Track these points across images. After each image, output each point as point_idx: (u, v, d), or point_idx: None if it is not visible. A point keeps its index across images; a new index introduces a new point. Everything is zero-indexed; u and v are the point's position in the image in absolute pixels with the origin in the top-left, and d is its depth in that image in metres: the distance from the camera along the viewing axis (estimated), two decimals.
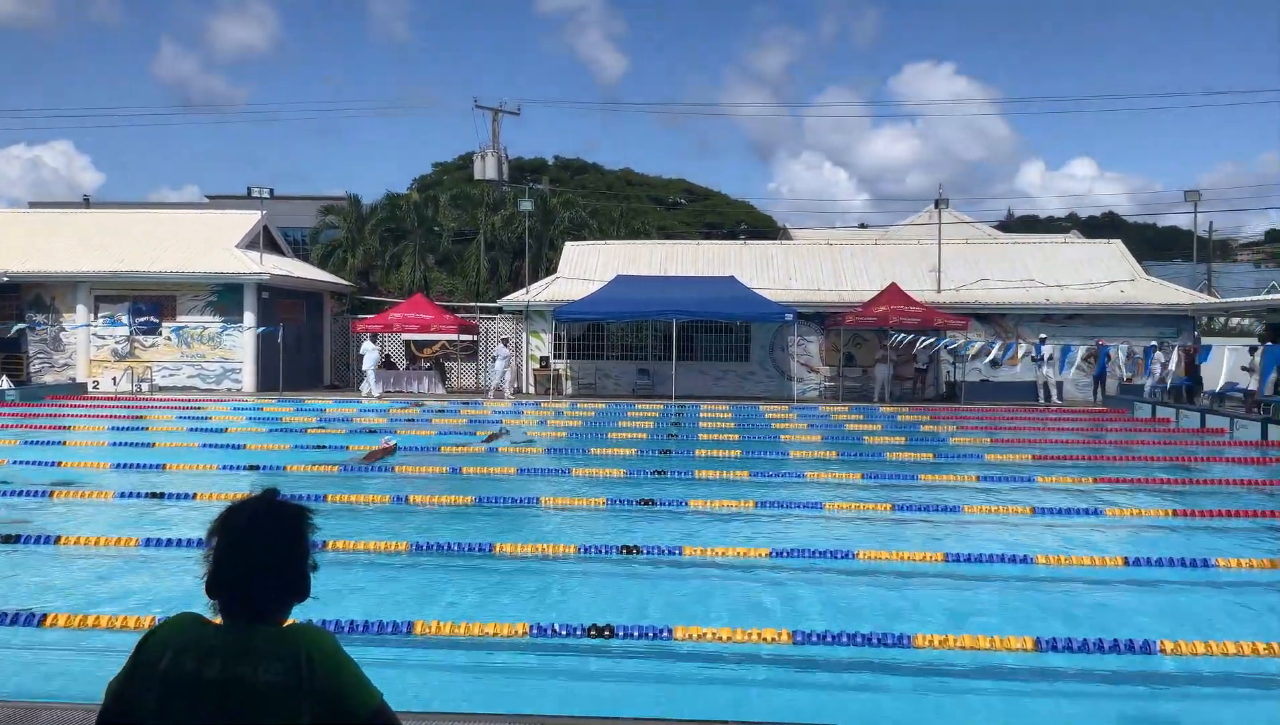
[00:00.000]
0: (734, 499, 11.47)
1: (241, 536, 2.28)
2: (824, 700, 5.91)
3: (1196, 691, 6.04)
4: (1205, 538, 10.02)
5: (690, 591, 8.10)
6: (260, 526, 2.30)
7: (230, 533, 2.28)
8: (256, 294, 29.11)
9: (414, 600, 7.67)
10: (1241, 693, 6.03)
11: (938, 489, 12.72)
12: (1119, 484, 13.31)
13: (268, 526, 2.30)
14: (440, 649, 6.48)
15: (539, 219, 37.28)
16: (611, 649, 6.36)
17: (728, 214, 63.26)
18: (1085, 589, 8.08)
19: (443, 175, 55.06)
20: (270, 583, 2.28)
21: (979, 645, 6.18)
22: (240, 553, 2.26)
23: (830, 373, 30.03)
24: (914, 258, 32.31)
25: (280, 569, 2.29)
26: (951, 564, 8.40)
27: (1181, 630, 6.87)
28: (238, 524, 2.30)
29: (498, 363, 28.32)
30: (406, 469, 13.53)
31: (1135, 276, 31.38)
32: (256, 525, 2.30)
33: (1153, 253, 65.83)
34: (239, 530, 2.29)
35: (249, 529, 2.29)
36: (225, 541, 2.28)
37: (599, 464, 14.33)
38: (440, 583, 8.24)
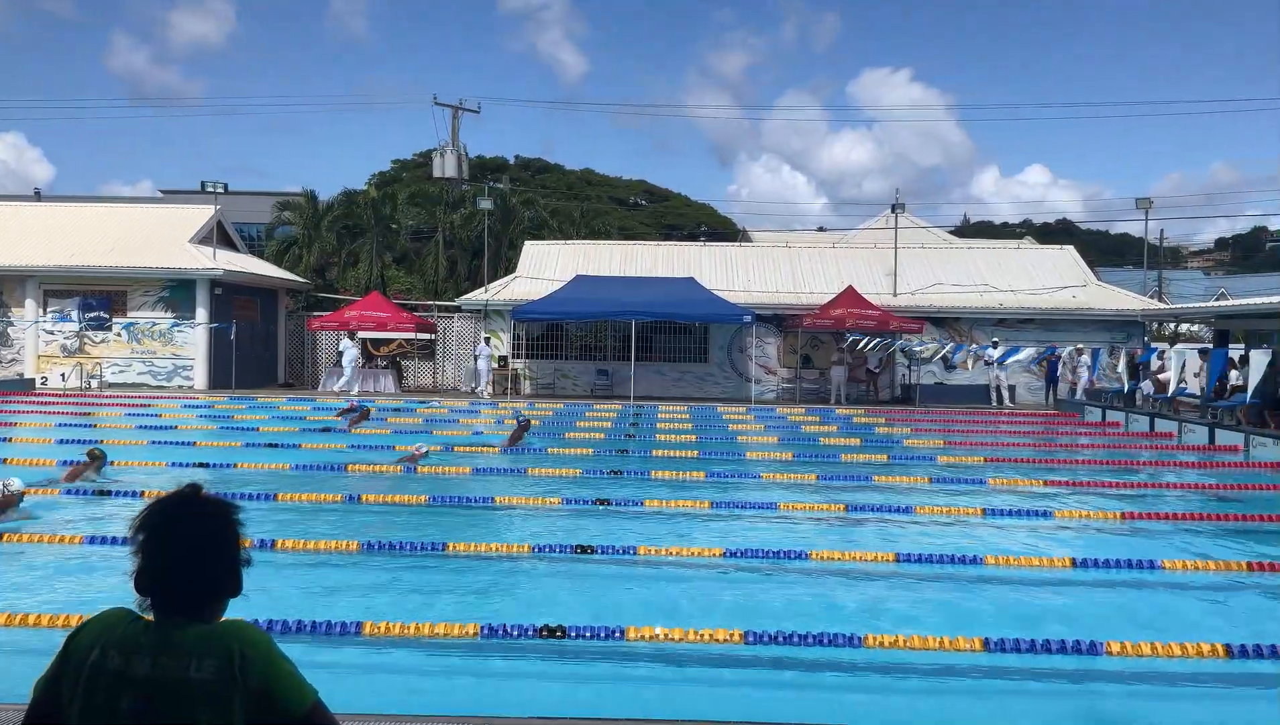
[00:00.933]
0: (690, 499, 11.47)
1: (165, 533, 2.23)
2: (775, 700, 5.92)
3: (1142, 691, 6.12)
4: (1152, 540, 10.17)
5: (644, 591, 8.09)
6: (183, 523, 2.25)
7: (153, 530, 2.24)
8: (209, 290, 28.70)
9: (364, 600, 7.59)
10: (1186, 692, 6.12)
11: (891, 490, 12.81)
12: (1068, 486, 13.50)
13: (191, 523, 2.26)
14: (389, 649, 6.42)
15: (499, 218, 37.12)
16: (564, 649, 6.33)
17: (688, 215, 63.43)
18: (1034, 590, 8.18)
19: (402, 172, 54.65)
20: (196, 579, 2.23)
21: (929, 645, 6.23)
22: (164, 550, 2.22)
23: (788, 375, 30.18)
24: (871, 262, 32.56)
25: (206, 566, 2.25)
26: (903, 564, 8.46)
27: (1128, 631, 6.97)
28: (160, 521, 2.25)
29: (480, 362, 28.19)
30: (360, 468, 13.40)
31: (1087, 282, 31.85)
32: (179, 522, 2.25)
33: (1105, 259, 66.92)
34: (162, 527, 2.24)
35: (172, 525, 2.25)
36: (149, 538, 2.23)
37: (555, 464, 14.29)
38: (391, 582, 8.16)
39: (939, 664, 6.23)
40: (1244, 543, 10.28)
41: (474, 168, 48.81)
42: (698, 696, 5.99)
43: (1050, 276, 31.68)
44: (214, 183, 30.96)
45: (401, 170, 55.71)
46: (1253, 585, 8.37)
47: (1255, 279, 67.17)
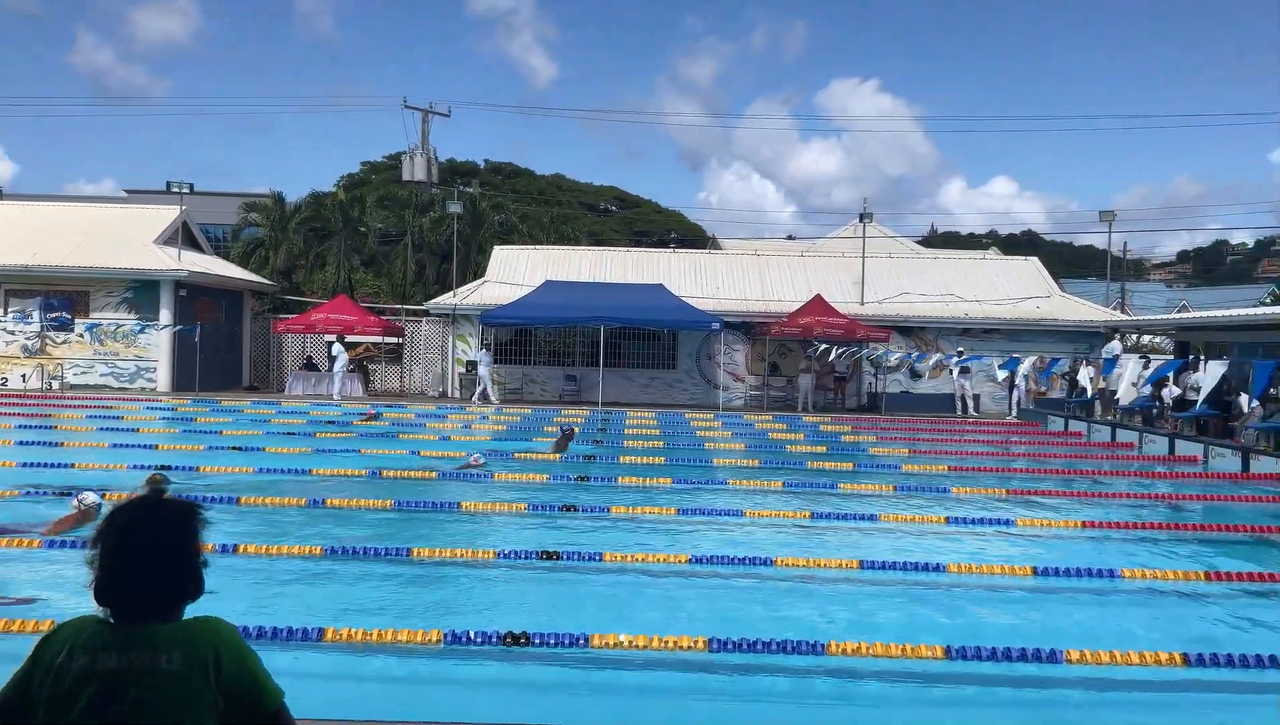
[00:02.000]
0: (656, 506, 11.50)
1: (127, 537, 2.23)
2: (739, 707, 5.94)
3: (1101, 699, 6.19)
4: (1111, 548, 10.30)
5: (609, 598, 8.08)
6: (145, 526, 2.25)
7: (116, 534, 2.23)
8: (174, 291, 28.39)
9: (326, 605, 7.53)
10: (1144, 700, 6.20)
11: (856, 498, 12.88)
12: (1030, 495, 13.64)
13: (153, 526, 2.25)
14: (351, 655, 6.37)
15: (468, 222, 37.01)
16: (528, 656, 6.31)
17: (658, 222, 63.55)
18: (995, 598, 8.26)
19: (371, 175, 54.34)
20: (160, 582, 2.23)
21: (891, 653, 6.27)
22: (126, 553, 2.21)
23: (756, 382, 30.28)
24: (839, 270, 32.76)
25: (168, 569, 2.24)
26: (866, 572, 8.51)
27: (1087, 639, 7.06)
28: (122, 524, 2.24)
29: (481, 369, 28.03)
30: (324, 472, 13.31)
31: (1051, 293, 32.22)
32: (141, 525, 2.25)
33: (1069, 270, 67.72)
34: (124, 531, 2.23)
35: (134, 529, 2.24)
36: (111, 543, 2.22)
37: (522, 469, 14.25)
38: (354, 588, 8.10)
39: (902, 671, 6.27)
40: (1201, 552, 10.44)
41: (444, 171, 48.62)
42: (662, 704, 6.00)
43: (1015, 287, 32.02)
44: (179, 183, 30.62)
45: (371, 173, 55.41)
46: (1209, 594, 8.49)
47: (1216, 292, 68.25)
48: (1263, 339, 21.64)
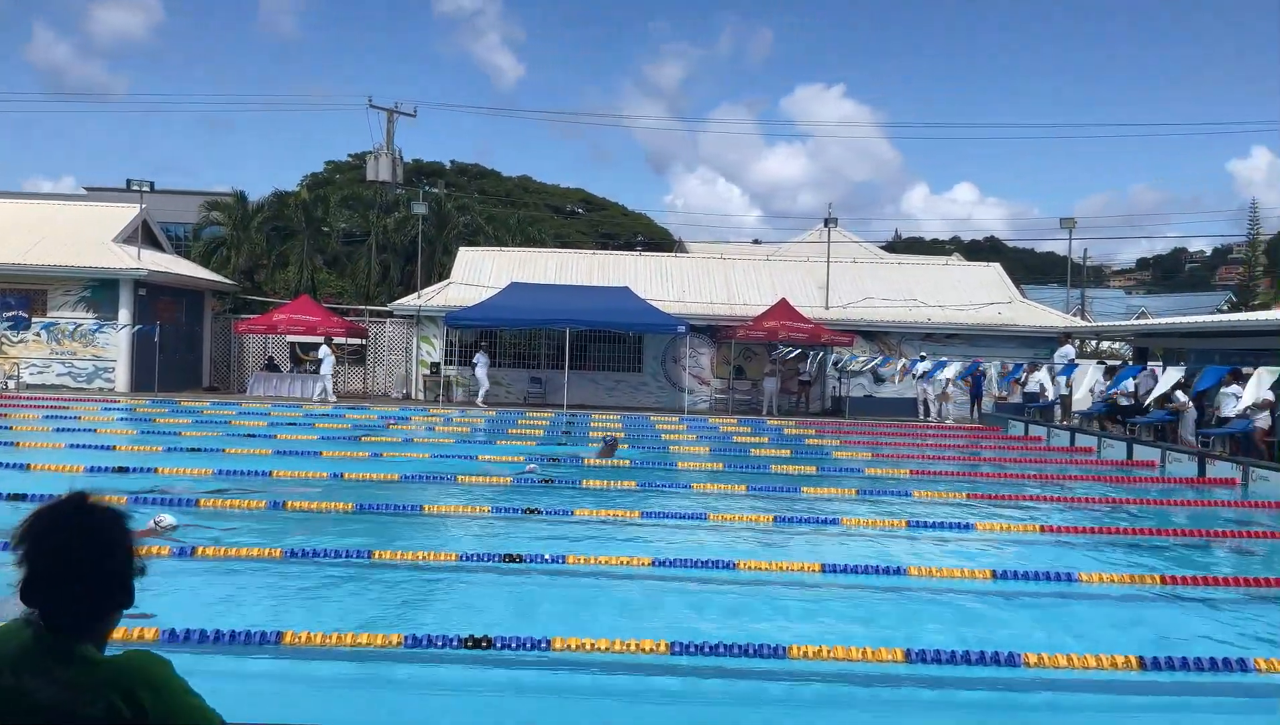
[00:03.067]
0: (620, 509, 11.48)
1: (47, 544, 2.12)
2: (701, 711, 5.94)
3: (1058, 702, 6.25)
4: (1070, 552, 10.41)
5: (572, 601, 8.06)
6: (66, 534, 2.14)
7: (35, 540, 2.13)
8: (133, 291, 28.03)
9: (284, 608, 7.45)
10: (1100, 703, 6.26)
11: (819, 501, 12.94)
12: (990, 499, 13.77)
13: (74, 534, 2.14)
14: (309, 659, 6.30)
15: (433, 223, 36.82)
16: (489, 660, 6.28)
17: (625, 225, 63.54)
18: (955, 600, 8.32)
19: (335, 174, 53.88)
20: (83, 594, 2.13)
21: (852, 656, 6.30)
22: (47, 562, 2.11)
23: (721, 385, 30.36)
24: (804, 275, 32.94)
25: (92, 579, 2.13)
26: (828, 575, 8.54)
27: (1045, 643, 7.13)
28: (42, 530, 2.14)
29: (479, 370, 27.83)
30: (284, 473, 13.17)
31: (1013, 299, 32.58)
32: (62, 533, 2.14)
33: (1031, 276, 68.56)
34: (44, 538, 2.13)
35: (54, 536, 2.13)
36: (32, 548, 2.12)
37: (485, 471, 14.18)
38: (314, 591, 8.02)
39: (862, 674, 6.30)
40: (1158, 556, 10.58)
41: (410, 172, 48.35)
42: (623, 707, 5.98)
43: (977, 293, 32.34)
44: (140, 181, 30.23)
45: (335, 172, 54.95)
46: (1165, 598, 8.61)
47: (1174, 298, 69.35)
48: (1219, 345, 21.99)
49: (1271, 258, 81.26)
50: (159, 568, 8.20)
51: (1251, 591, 8.92)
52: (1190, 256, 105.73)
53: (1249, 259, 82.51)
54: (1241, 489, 15.26)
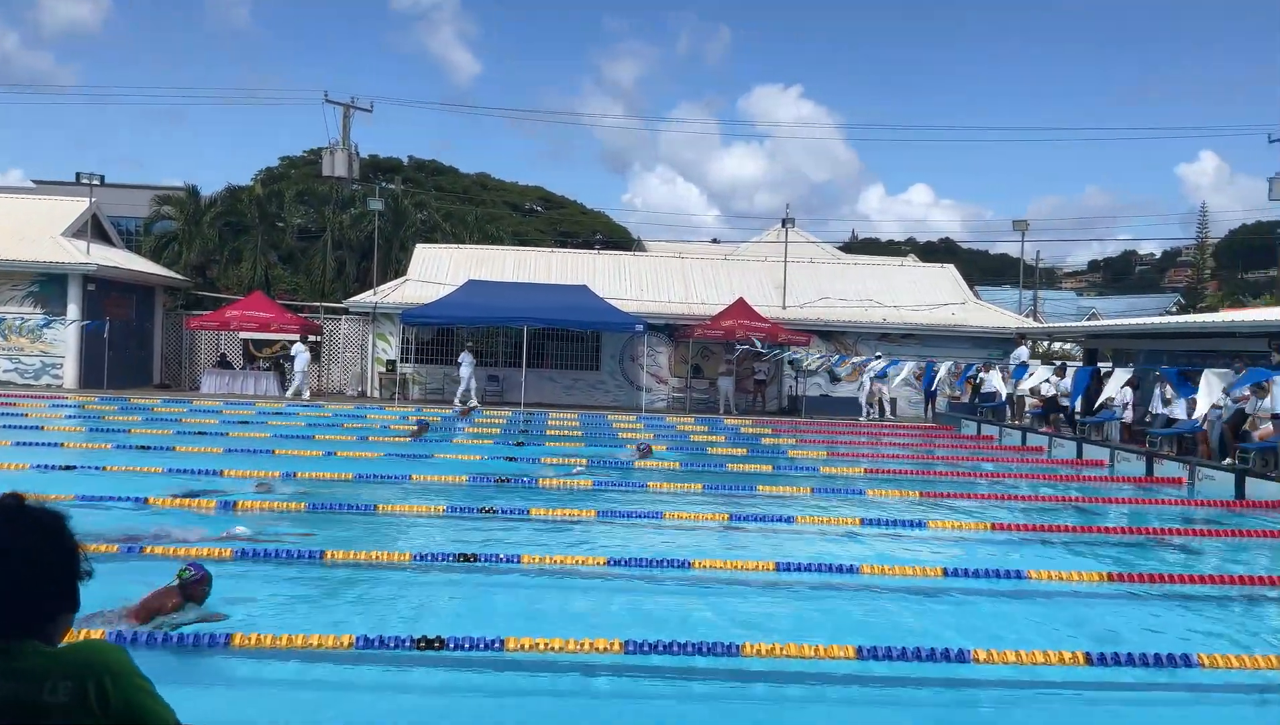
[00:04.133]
0: (576, 508, 11.47)
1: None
2: (655, 711, 5.95)
3: (1006, 697, 6.33)
4: (1019, 550, 10.56)
5: (526, 600, 8.04)
6: (2, 539, 2.09)
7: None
8: (82, 285, 27.52)
9: (235, 609, 7.35)
10: (1048, 698, 6.35)
11: (774, 500, 13.01)
12: (942, 497, 13.93)
13: (9, 536, 2.11)
14: (260, 661, 6.23)
15: (389, 220, 36.51)
16: (442, 660, 6.24)
17: (584, 223, 63.43)
18: (907, 598, 8.41)
19: (290, 169, 53.23)
20: (24, 601, 2.07)
21: (804, 654, 6.33)
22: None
23: (678, 384, 30.42)
24: (761, 274, 33.09)
25: (32, 585, 2.08)
26: (782, 573, 8.58)
27: (994, 639, 7.22)
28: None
29: (464, 369, 27.56)
30: (235, 473, 13.01)
31: (966, 300, 32.96)
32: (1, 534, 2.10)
33: (985, 278, 69.41)
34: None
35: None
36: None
37: (441, 470, 14.09)
38: (263, 590, 7.93)
39: (815, 672, 6.34)
40: (1106, 553, 10.76)
41: (366, 167, 47.89)
42: (577, 707, 5.97)
43: (931, 293, 32.68)
44: (89, 174, 29.70)
45: (290, 167, 54.30)
46: (1113, 595, 8.76)
47: (1124, 300, 70.53)
48: (1168, 347, 22.40)
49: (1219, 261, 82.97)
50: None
51: (1196, 589, 9.10)
52: (1140, 259, 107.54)
53: (1197, 262, 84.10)
54: (1188, 488, 15.56)
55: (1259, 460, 15.19)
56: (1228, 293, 58.67)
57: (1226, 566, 10.86)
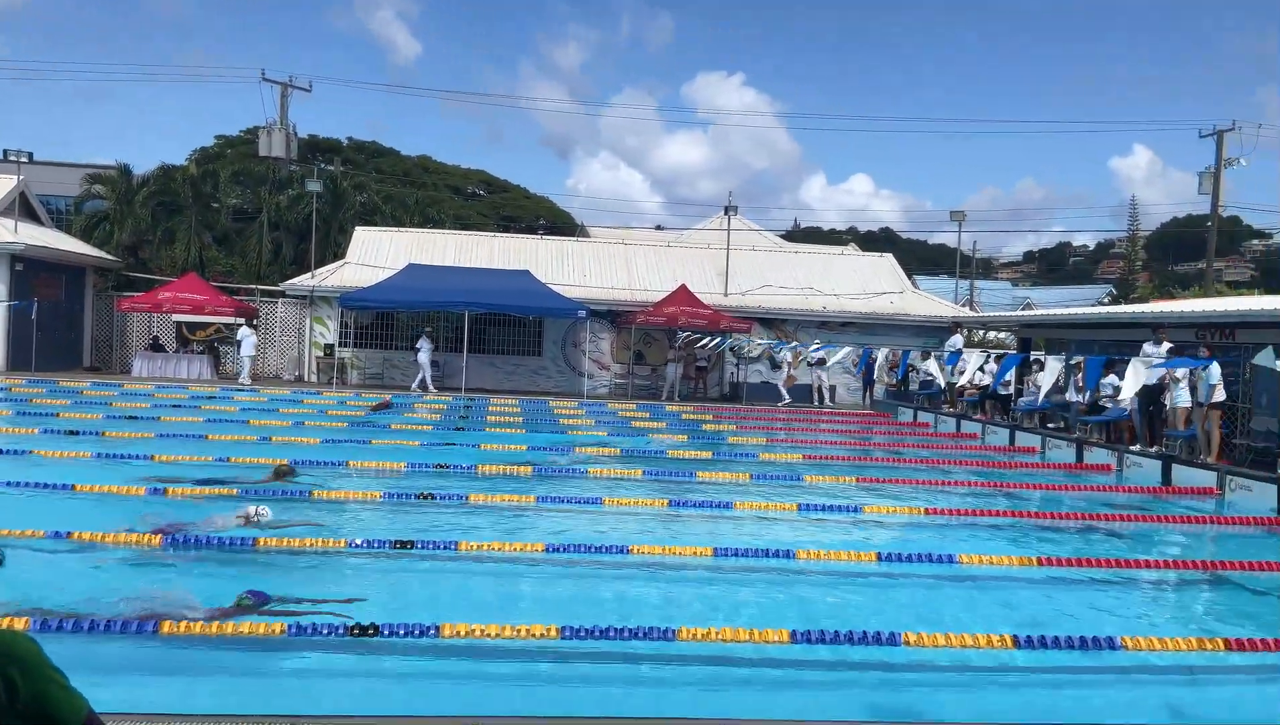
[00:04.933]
0: (515, 493, 11.43)
1: None
2: (592, 695, 5.96)
3: (936, 680, 6.45)
4: (952, 535, 10.74)
5: (463, 587, 8.02)
6: None
7: None
8: (9, 265, 26.73)
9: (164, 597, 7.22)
10: (977, 680, 6.49)
11: (713, 486, 13.09)
12: (878, 483, 14.12)
13: None
14: (189, 648, 6.14)
15: (328, 201, 35.96)
16: (377, 647, 6.20)
17: (527, 208, 63.04)
18: (841, 583, 8.52)
19: (226, 149, 52.13)
20: None
21: (739, 637, 6.40)
22: None
23: (621, 370, 30.44)
24: (704, 262, 33.20)
25: None
26: (720, 558, 8.65)
27: (925, 623, 7.35)
28: None
29: (421, 355, 27.13)
30: (166, 458, 12.77)
31: (904, 289, 33.38)
32: None
33: (923, 267, 70.36)
34: None
35: None
36: None
37: (378, 456, 13.96)
38: (194, 578, 7.80)
39: (748, 656, 6.41)
40: (1036, 538, 10.99)
41: (304, 148, 47.06)
42: (513, 692, 5.97)
43: (871, 282, 33.05)
44: (17, 151, 28.85)
45: (226, 147, 53.18)
46: (1042, 579, 8.95)
47: (1058, 291, 71.93)
48: (1099, 337, 22.90)
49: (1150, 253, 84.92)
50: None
51: (1123, 573, 9.35)
52: (1074, 250, 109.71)
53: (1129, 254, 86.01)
54: (1117, 474, 15.96)
55: (1185, 448, 15.62)
56: (1158, 284, 60.06)
57: (1152, 551, 11.17)
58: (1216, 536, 11.91)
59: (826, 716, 5.44)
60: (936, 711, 5.87)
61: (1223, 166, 37.12)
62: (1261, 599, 8.95)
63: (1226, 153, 37.05)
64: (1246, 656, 6.69)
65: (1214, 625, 8.13)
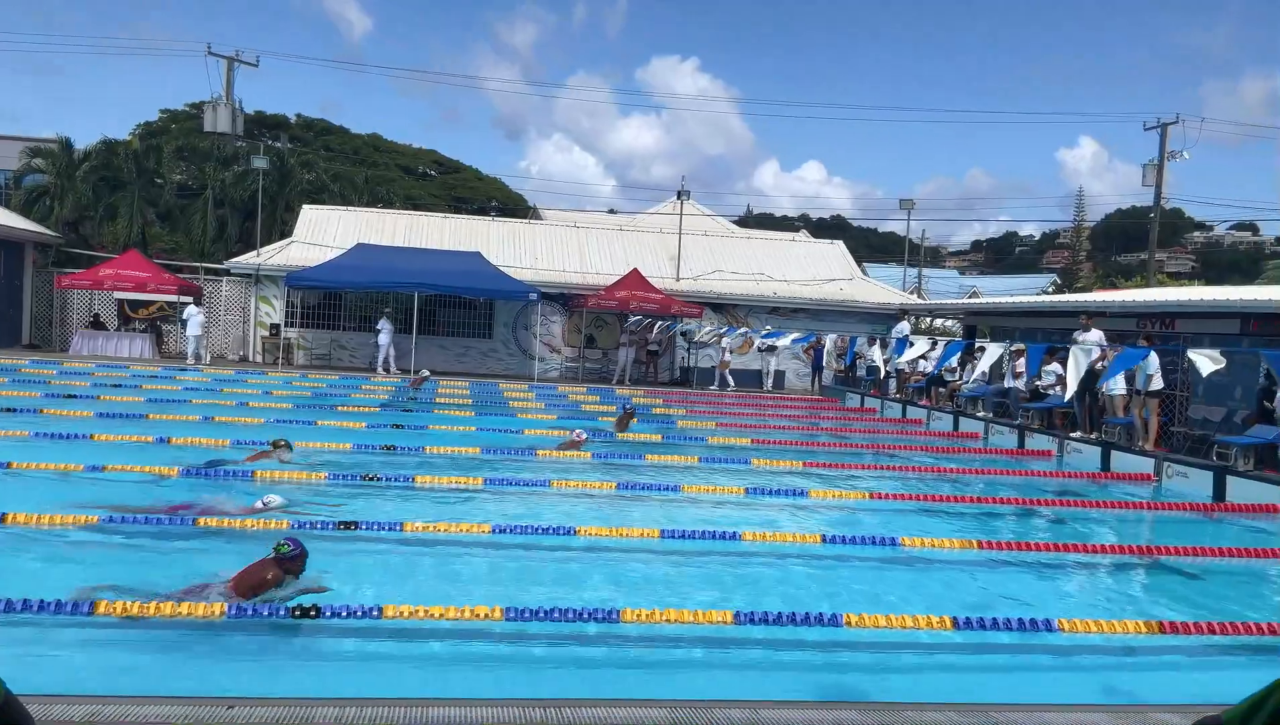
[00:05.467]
0: (463, 475, 11.38)
1: None
2: (535, 676, 5.96)
3: (877, 661, 6.53)
4: (895, 518, 10.88)
5: (408, 569, 7.97)
6: None
7: None
8: None
9: (102, 577, 7.10)
10: (916, 661, 6.57)
11: (661, 469, 13.12)
12: (824, 467, 14.24)
13: None
14: (128, 629, 6.04)
15: (275, 179, 35.40)
16: (318, 629, 6.14)
17: (479, 189, 62.49)
18: (786, 564, 8.59)
19: (170, 123, 51.04)
20: None
21: (683, 619, 6.43)
22: None
23: (572, 353, 30.38)
24: (656, 246, 33.20)
25: None
26: (666, 541, 8.68)
27: (867, 604, 7.45)
28: None
29: (382, 337, 26.72)
30: (105, 437, 12.53)
31: (854, 276, 33.68)
32: None
33: (873, 255, 70.94)
34: None
35: None
36: None
37: (325, 437, 13.80)
38: (133, 559, 7.68)
39: (693, 636, 6.44)
40: (977, 522, 11.17)
41: (251, 124, 46.26)
42: (456, 674, 5.94)
43: (821, 269, 33.29)
44: None
45: (170, 121, 52.04)
46: (982, 562, 9.09)
47: (1004, 280, 72.89)
48: (1043, 325, 23.26)
49: (1095, 244, 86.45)
50: None
51: (1061, 557, 9.52)
52: (1020, 240, 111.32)
53: (1074, 244, 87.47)
54: (1057, 460, 16.25)
55: (1124, 434, 15.95)
56: (1102, 275, 61.22)
57: (1091, 535, 11.39)
58: (1153, 521, 12.19)
59: (770, 696, 5.49)
60: (878, 691, 5.94)
61: (1166, 159, 37.85)
62: (1195, 582, 9.18)
63: (1170, 146, 37.78)
64: (1180, 638, 6.85)
65: (1149, 608, 8.31)
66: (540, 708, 4.88)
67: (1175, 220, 73.09)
